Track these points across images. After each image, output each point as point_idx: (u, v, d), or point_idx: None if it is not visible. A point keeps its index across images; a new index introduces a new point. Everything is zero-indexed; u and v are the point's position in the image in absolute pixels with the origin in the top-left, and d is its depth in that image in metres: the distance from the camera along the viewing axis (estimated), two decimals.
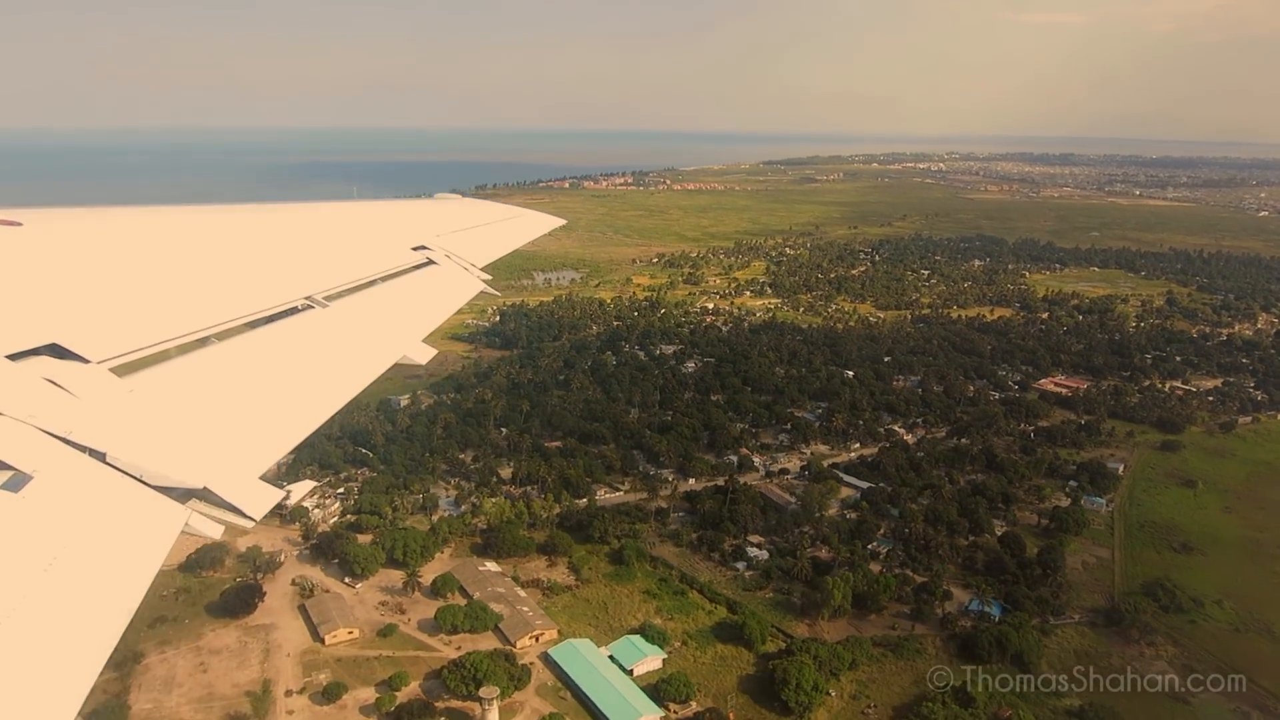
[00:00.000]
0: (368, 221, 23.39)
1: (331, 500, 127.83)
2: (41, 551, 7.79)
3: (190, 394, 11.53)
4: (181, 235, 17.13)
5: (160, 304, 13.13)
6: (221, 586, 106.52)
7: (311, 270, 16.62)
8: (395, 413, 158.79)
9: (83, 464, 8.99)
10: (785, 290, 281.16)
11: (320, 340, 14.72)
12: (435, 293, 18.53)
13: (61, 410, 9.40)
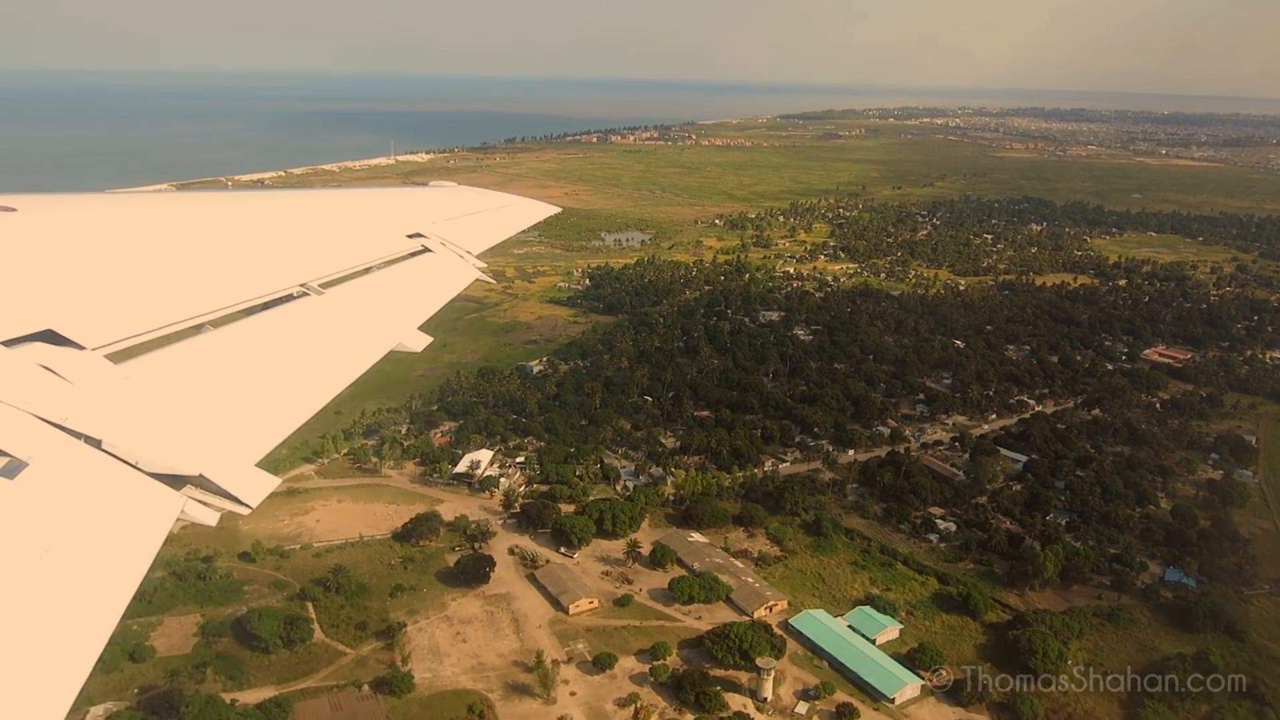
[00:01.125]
0: (363, 209, 23.42)
1: (512, 469, 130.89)
2: (37, 538, 7.86)
3: (186, 381, 11.65)
4: (176, 222, 17.11)
5: (155, 291, 13.21)
6: (440, 555, 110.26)
7: (306, 258, 16.60)
8: (540, 380, 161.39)
9: (78, 451, 9.08)
10: (859, 255, 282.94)
11: (315, 328, 14.85)
12: (430, 280, 18.48)
13: (57, 397, 9.48)
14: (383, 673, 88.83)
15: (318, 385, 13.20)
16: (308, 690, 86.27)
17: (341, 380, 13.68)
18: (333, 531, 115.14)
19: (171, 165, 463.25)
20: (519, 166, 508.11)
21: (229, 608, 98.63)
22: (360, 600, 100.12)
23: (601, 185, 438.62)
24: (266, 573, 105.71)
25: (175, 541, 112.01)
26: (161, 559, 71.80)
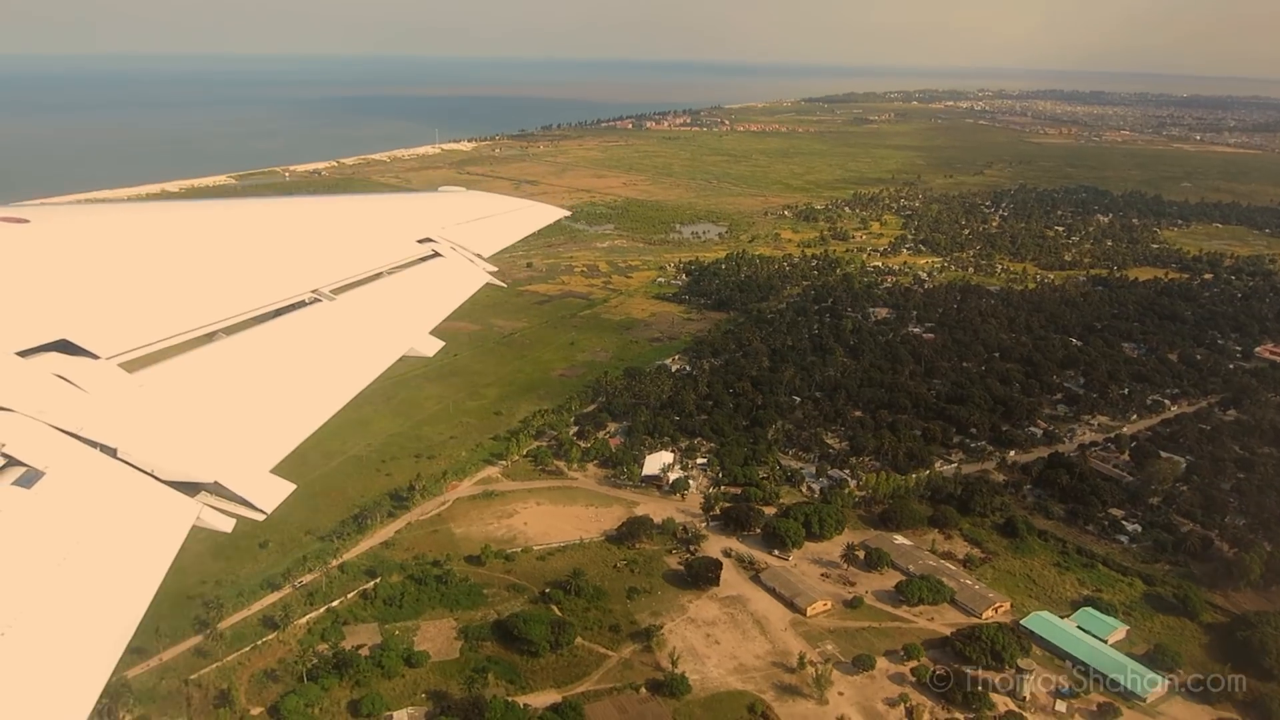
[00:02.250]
0: (373, 215, 23.39)
1: (695, 471, 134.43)
2: (54, 548, 7.91)
3: (200, 388, 11.73)
4: (189, 230, 17.27)
5: (168, 299, 13.32)
6: (658, 558, 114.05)
7: (318, 264, 16.70)
8: (687, 379, 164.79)
9: (94, 460, 9.14)
10: (941, 248, 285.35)
11: (328, 333, 14.91)
12: (441, 285, 18.64)
13: (72, 406, 9.55)
14: (649, 675, 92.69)
15: (331, 391, 13.27)
16: (588, 694, 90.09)
17: (354, 386, 13.73)
18: (545, 534, 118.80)
19: (220, 156, 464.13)
20: (566, 155, 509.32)
21: (477, 611, 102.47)
22: (600, 603, 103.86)
23: (655, 175, 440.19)
24: (498, 576, 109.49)
25: (396, 546, 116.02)
26: (392, 563, 76.26)
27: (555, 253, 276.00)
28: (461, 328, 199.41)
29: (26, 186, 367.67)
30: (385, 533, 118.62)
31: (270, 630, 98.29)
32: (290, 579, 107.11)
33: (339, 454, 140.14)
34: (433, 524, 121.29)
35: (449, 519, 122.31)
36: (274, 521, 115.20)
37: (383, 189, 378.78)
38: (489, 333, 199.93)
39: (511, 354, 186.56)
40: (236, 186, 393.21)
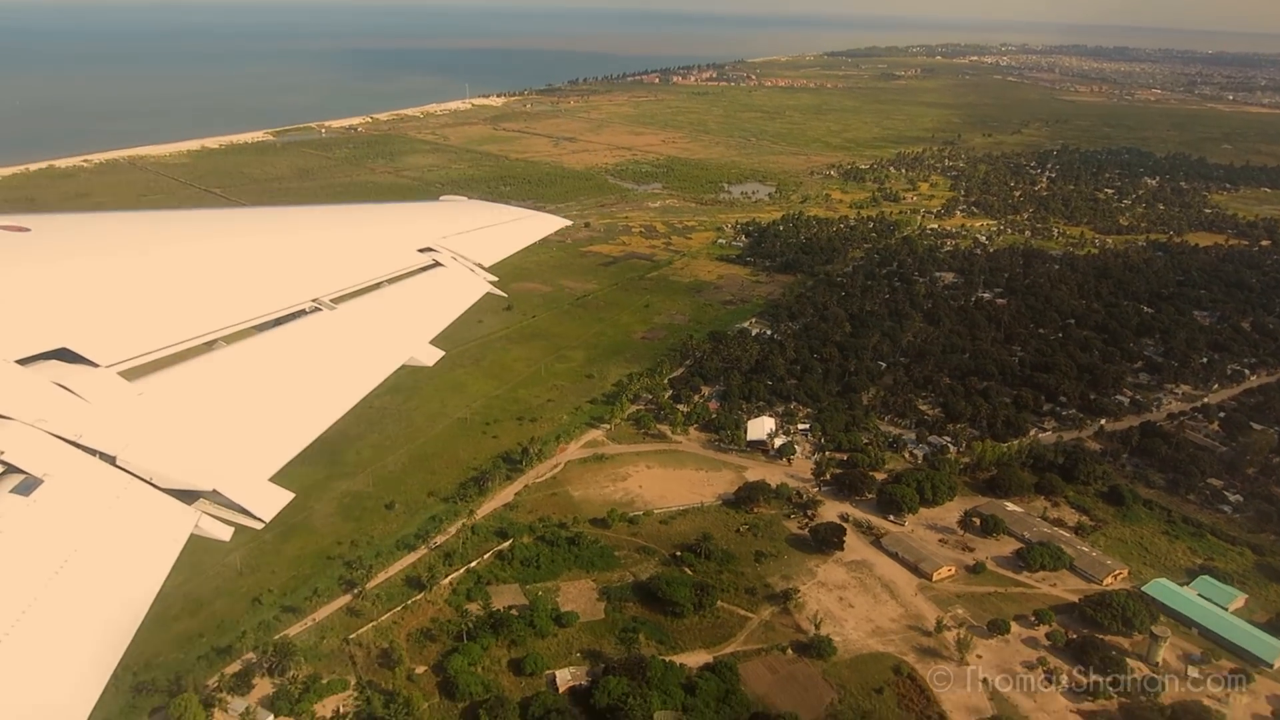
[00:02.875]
0: (374, 224, 23.43)
1: (796, 436, 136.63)
2: (53, 554, 7.99)
3: (199, 397, 11.81)
4: (189, 239, 17.26)
5: (168, 308, 13.35)
6: (777, 522, 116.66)
7: (318, 273, 16.71)
8: (774, 344, 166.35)
9: (93, 467, 9.22)
10: (994, 210, 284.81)
11: (327, 343, 14.93)
12: (441, 295, 18.70)
13: (72, 414, 9.62)
14: (791, 637, 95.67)
15: (330, 401, 13.35)
16: (736, 654, 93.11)
17: (353, 396, 13.77)
18: (661, 498, 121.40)
19: (254, 112, 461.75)
20: (598, 111, 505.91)
21: (613, 573, 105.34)
22: (731, 566, 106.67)
23: (692, 132, 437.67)
24: (625, 538, 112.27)
25: (519, 508, 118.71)
26: (520, 525, 78.14)
27: (609, 213, 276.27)
28: (533, 289, 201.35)
29: (71, 140, 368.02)
30: (505, 495, 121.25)
31: (416, 590, 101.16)
32: (425, 540, 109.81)
33: (442, 416, 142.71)
34: (549, 486, 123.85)
35: (564, 482, 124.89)
36: (396, 483, 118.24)
37: (421, 146, 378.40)
38: (561, 294, 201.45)
39: (588, 316, 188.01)
40: (275, 143, 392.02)
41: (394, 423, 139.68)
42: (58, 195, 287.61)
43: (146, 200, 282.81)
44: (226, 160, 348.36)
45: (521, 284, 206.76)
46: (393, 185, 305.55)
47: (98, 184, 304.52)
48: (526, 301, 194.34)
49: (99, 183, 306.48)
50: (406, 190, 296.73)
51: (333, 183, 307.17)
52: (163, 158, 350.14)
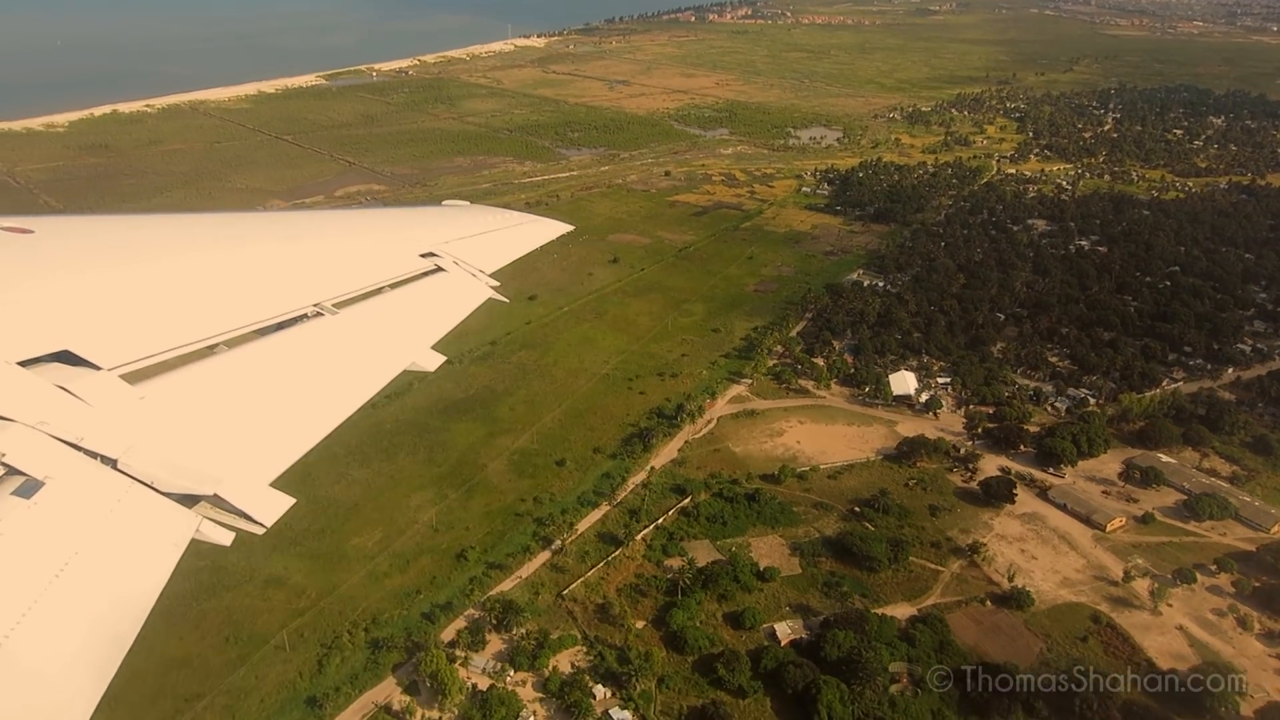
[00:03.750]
0: (376, 229, 23.36)
1: (938, 390, 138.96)
2: (54, 557, 8.02)
3: (201, 401, 11.87)
4: (192, 243, 17.30)
5: (170, 312, 13.39)
6: (941, 476, 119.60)
7: (320, 278, 16.67)
8: (891, 296, 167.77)
9: (94, 470, 9.26)
10: (1069, 154, 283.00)
11: (329, 347, 14.94)
12: (443, 300, 18.65)
13: (73, 417, 9.68)
14: (985, 589, 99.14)
15: (331, 405, 13.37)
16: (938, 606, 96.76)
17: (355, 400, 13.79)
18: (822, 453, 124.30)
19: (297, 54, 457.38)
20: (643, 52, 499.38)
21: (798, 529, 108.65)
22: (909, 520, 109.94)
23: (743, 73, 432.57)
24: (799, 494, 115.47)
25: (687, 464, 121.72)
26: (696, 481, 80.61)
27: (684, 160, 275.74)
28: (633, 240, 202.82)
29: (127, 83, 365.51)
30: (668, 451, 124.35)
31: (611, 546, 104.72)
32: (605, 497, 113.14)
33: (583, 372, 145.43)
34: (709, 443, 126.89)
35: (723, 438, 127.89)
36: (559, 440, 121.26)
37: (476, 90, 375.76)
38: (661, 246, 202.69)
39: (695, 269, 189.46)
40: (329, 86, 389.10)
41: (538, 379, 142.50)
42: (131, 142, 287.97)
43: (221, 147, 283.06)
44: (287, 105, 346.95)
45: (620, 235, 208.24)
46: (460, 132, 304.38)
47: (166, 130, 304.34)
48: (629, 253, 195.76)
49: (167, 129, 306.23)
50: (476, 137, 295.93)
51: (399, 129, 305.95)
52: (223, 102, 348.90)
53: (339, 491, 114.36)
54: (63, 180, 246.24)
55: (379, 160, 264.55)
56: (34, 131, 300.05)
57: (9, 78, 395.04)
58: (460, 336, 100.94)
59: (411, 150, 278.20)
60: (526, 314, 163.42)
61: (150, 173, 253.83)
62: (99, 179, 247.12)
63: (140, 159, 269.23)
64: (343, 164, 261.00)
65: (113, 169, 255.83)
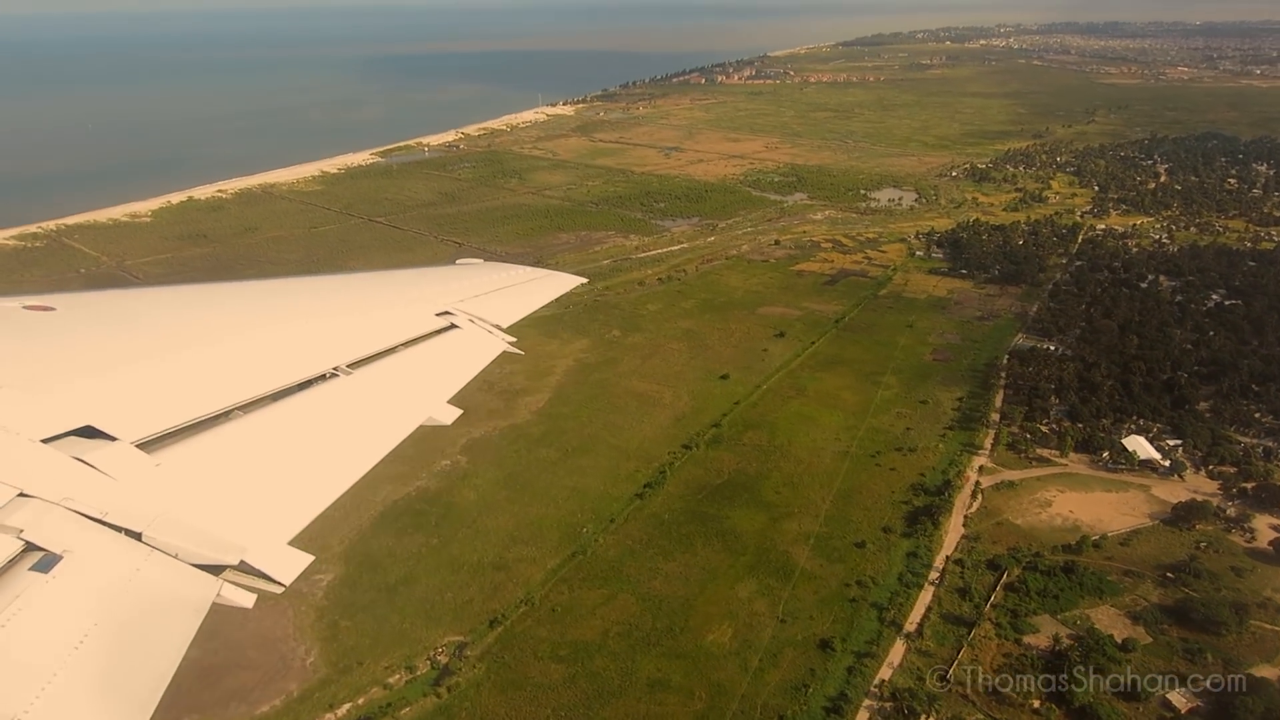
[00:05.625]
0: (392, 290, 23.95)
1: (1172, 450, 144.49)
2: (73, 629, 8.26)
3: (217, 466, 12.07)
4: (208, 315, 17.66)
5: (188, 382, 13.60)
6: (1222, 539, 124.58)
7: (337, 341, 17.08)
8: (1073, 360, 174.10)
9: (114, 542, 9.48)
10: (1145, 207, 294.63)
11: (345, 406, 15.18)
12: (458, 356, 19.04)
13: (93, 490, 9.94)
14: None
15: (347, 463, 13.70)
16: None
17: (372, 456, 14.17)
18: (1099, 521, 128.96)
19: (334, 131, 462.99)
20: (674, 117, 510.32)
21: (1123, 597, 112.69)
22: (1221, 583, 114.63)
23: (785, 136, 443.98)
24: (1103, 563, 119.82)
25: (981, 539, 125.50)
26: (1003, 557, 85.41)
27: (782, 227, 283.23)
28: (783, 312, 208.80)
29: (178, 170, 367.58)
30: (953, 527, 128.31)
31: (959, 626, 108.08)
32: (922, 577, 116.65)
33: (824, 450, 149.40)
34: (986, 515, 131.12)
35: (998, 510, 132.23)
36: (841, 520, 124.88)
37: (538, 162, 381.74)
38: (813, 317, 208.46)
39: (863, 339, 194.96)
40: (388, 164, 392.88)
41: (783, 460, 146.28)
42: (227, 230, 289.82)
43: (320, 232, 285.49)
44: (358, 186, 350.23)
45: (768, 308, 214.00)
46: (545, 207, 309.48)
47: (253, 216, 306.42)
48: (788, 327, 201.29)
49: (254, 215, 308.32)
50: (564, 212, 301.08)
51: (483, 207, 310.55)
52: (293, 184, 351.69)
53: (660, 587, 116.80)
54: (180, 272, 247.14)
55: (485, 240, 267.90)
56: (120, 222, 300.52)
57: (59, 168, 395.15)
58: (679, 421, 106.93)
59: (510, 228, 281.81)
60: (727, 393, 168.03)
61: (264, 261, 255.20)
62: (218, 270, 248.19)
63: (245, 247, 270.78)
64: (452, 245, 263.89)
65: (225, 258, 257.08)
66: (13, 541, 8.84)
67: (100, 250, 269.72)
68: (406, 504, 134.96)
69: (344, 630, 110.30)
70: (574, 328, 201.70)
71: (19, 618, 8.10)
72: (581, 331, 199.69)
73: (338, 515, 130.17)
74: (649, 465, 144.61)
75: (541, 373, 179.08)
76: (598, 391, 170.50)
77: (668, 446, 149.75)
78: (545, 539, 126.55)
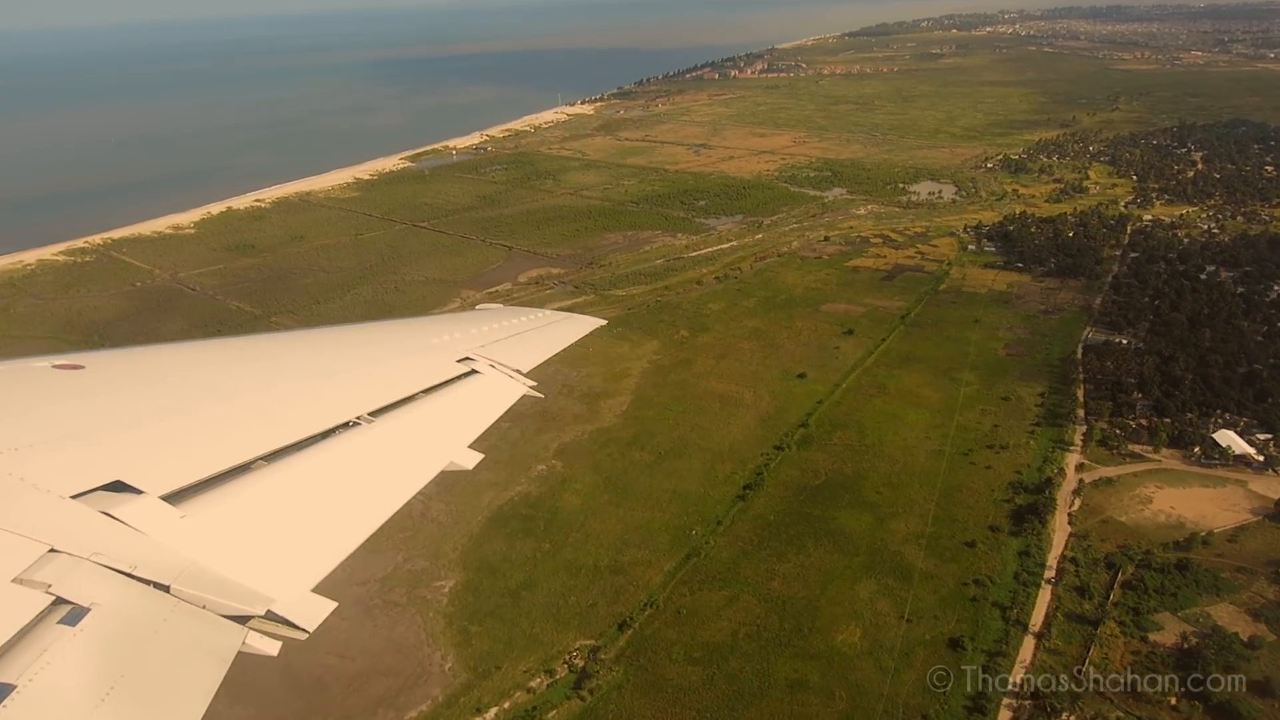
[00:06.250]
0: (413, 338, 24.19)
1: (1266, 444, 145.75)
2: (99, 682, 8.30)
3: (243, 517, 12.23)
4: (231, 368, 17.90)
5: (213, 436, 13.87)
6: None
7: (358, 392, 17.18)
8: (1148, 354, 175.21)
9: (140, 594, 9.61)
10: (1189, 196, 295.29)
11: (366, 455, 15.35)
12: (479, 401, 19.12)
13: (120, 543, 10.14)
14: None
15: (370, 509, 13.89)
16: None
17: (395, 501, 14.45)
18: (1202, 517, 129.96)
19: (356, 137, 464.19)
20: (694, 114, 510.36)
21: (1239, 594, 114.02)
22: None
23: (811, 130, 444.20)
24: (1214, 560, 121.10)
25: (1090, 536, 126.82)
26: (1118, 555, 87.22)
27: (827, 223, 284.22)
28: (846, 310, 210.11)
29: (221, 182, 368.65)
30: (1059, 525, 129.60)
31: (1083, 624, 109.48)
32: (1036, 576, 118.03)
33: (916, 449, 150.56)
34: (1090, 513, 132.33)
35: (1101, 507, 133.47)
36: (946, 520, 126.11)
37: (569, 163, 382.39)
38: (878, 314, 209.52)
39: (932, 335, 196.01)
40: (419, 169, 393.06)
41: (878, 460, 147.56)
42: (272, 240, 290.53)
43: (366, 239, 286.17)
44: (394, 191, 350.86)
45: (831, 305, 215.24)
46: (585, 207, 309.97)
47: (296, 225, 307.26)
48: (855, 324, 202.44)
49: (296, 223, 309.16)
50: (606, 212, 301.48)
51: (524, 209, 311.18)
52: (329, 191, 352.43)
53: (780, 588, 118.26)
54: (237, 283, 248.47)
55: (533, 242, 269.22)
56: (165, 235, 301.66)
57: (90, 183, 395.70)
58: (764, 422, 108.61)
59: (555, 230, 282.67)
60: (807, 392, 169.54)
61: (318, 270, 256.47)
62: (273, 280, 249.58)
63: (294, 256, 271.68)
64: (501, 248, 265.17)
65: (279, 268, 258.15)
66: (41, 596, 9.07)
67: (151, 263, 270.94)
68: (511, 509, 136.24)
69: (475, 635, 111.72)
70: (641, 329, 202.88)
71: (47, 671, 8.27)
72: (650, 333, 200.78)
73: (448, 521, 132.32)
74: (744, 467, 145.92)
75: (618, 375, 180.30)
76: (679, 393, 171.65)
77: (758, 448, 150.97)
78: (656, 542, 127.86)
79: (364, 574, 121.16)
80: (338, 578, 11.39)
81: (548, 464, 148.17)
